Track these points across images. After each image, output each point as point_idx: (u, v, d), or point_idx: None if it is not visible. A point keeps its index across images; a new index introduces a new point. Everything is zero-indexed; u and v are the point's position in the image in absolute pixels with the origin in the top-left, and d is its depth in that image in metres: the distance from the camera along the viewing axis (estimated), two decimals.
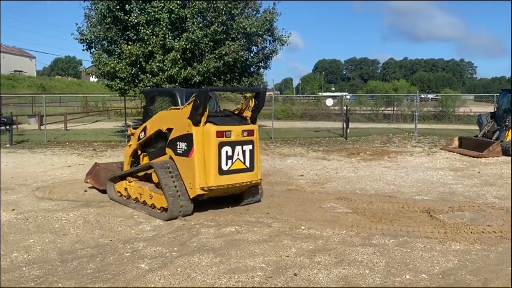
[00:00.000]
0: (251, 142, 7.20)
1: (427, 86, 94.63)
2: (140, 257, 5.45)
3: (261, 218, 7.07)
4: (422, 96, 47.45)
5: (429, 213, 7.38)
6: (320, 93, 63.72)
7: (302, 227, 6.55)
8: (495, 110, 16.50)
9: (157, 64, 15.87)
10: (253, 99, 7.42)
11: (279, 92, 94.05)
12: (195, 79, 16.39)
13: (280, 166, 12.56)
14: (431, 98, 46.35)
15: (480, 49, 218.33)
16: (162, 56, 15.91)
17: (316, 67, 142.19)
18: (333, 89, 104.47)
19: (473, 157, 13.82)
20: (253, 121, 7.52)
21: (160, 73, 16.03)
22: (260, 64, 19.18)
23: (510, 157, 13.62)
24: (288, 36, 18.65)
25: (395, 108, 32.89)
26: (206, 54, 16.48)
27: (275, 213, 7.34)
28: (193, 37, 15.66)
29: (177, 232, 6.42)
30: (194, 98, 6.89)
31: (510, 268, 4.72)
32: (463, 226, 6.65)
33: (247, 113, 7.48)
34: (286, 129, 24.39)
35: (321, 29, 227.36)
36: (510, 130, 14.47)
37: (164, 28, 15.80)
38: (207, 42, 16.09)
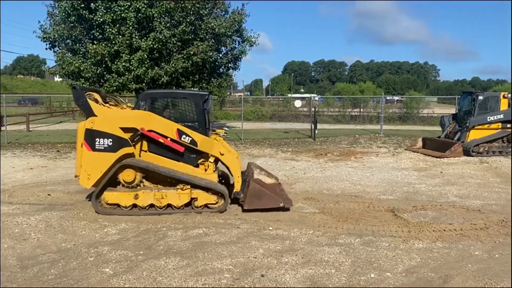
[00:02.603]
0: None
1: (393, 88, 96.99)
2: (105, 261, 5.33)
3: (229, 220, 7.05)
4: (388, 98, 48.57)
5: (393, 212, 7.55)
6: (289, 95, 64.22)
7: (270, 228, 6.57)
8: (457, 112, 17.05)
9: (124, 64, 15.57)
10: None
11: (249, 93, 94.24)
12: (162, 79, 16.19)
13: None
14: (397, 100, 47.49)
15: (443, 52, 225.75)
16: (129, 56, 15.62)
17: (285, 68, 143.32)
18: (302, 90, 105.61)
19: (436, 157, 14.26)
20: None
21: (127, 73, 15.74)
22: (229, 65, 19.14)
23: (471, 157, 14.14)
24: (257, 37, 18.73)
25: (361, 110, 33.55)
26: (174, 54, 16.30)
27: (244, 215, 7.32)
28: (160, 37, 15.46)
29: (143, 235, 6.31)
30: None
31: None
32: (425, 225, 6.84)
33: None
34: (255, 130, 24.44)
35: (289, 31, 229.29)
36: (471, 131, 15.03)
37: (131, 28, 15.51)
38: (175, 42, 15.92)
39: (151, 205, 7.34)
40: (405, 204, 8.17)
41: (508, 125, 15.13)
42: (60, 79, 21.18)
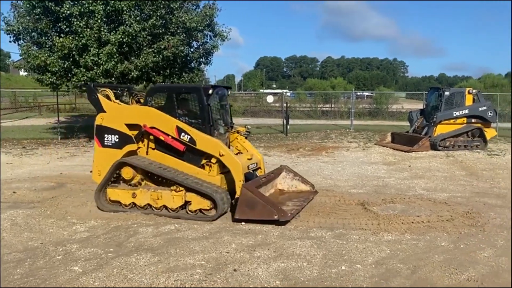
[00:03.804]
0: None
1: (363, 84, 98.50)
2: (73, 259, 5.21)
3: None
4: (358, 93, 49.25)
5: (363, 205, 7.69)
6: (261, 90, 64.24)
7: (243, 223, 6.57)
8: (424, 107, 17.49)
9: (92, 57, 15.16)
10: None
11: None
12: (132, 73, 15.87)
13: None
14: (367, 95, 48.27)
15: (411, 49, 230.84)
16: (97, 50, 15.22)
17: (257, 64, 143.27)
18: (274, 86, 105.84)
19: (404, 151, 14.61)
20: None
21: (95, 67, 15.34)
22: (201, 59, 18.92)
23: (438, 151, 14.56)
24: (229, 32, 18.58)
25: (332, 105, 33.90)
26: (144, 48, 16.00)
27: None
28: (130, 31, 15.13)
29: (114, 232, 6.20)
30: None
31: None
32: (394, 217, 7.00)
33: None
34: None
35: (260, 26, 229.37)
36: (438, 126, 15.46)
37: (99, 21, 15.11)
38: (145, 36, 15.62)
39: (149, 205, 7.06)
40: (375, 198, 8.33)
41: (473, 120, 15.66)
42: (26, 73, 20.44)
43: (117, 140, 7.16)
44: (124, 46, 15.66)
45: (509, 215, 7.26)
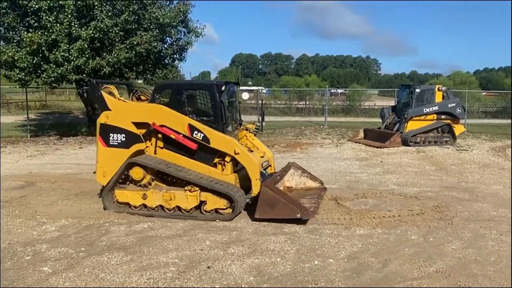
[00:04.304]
0: None
1: (337, 81, 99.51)
2: (43, 259, 5.09)
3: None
4: (332, 90, 49.82)
5: (336, 200, 7.80)
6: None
7: (217, 220, 6.56)
8: (396, 104, 17.84)
9: (62, 53, 14.81)
10: None
11: None
12: (104, 70, 15.60)
13: None
14: (340, 92, 48.89)
15: (384, 47, 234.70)
16: (68, 45, 14.88)
17: (233, 61, 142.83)
18: (250, 83, 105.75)
19: (376, 147, 14.87)
20: None
21: (66, 63, 14.99)
22: (175, 56, 18.77)
23: (409, 147, 14.88)
24: (203, 28, 18.48)
25: (307, 102, 34.20)
26: (117, 44, 15.74)
27: None
28: (101, 26, 14.85)
29: (85, 231, 6.09)
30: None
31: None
32: (366, 212, 7.13)
33: None
34: None
35: (236, 23, 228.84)
36: (409, 122, 15.80)
37: (70, 16, 14.77)
38: (117, 31, 15.37)
39: (160, 207, 6.78)
40: (347, 193, 8.46)
41: (443, 116, 16.08)
42: None
43: (123, 139, 6.82)
44: (96, 41, 15.38)
45: (476, 208, 7.51)
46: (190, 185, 6.62)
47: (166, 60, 18.64)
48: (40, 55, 15.20)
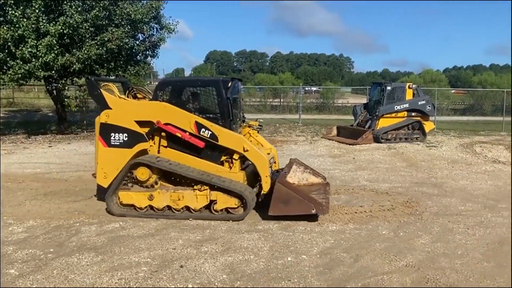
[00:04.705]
0: None
1: (311, 79, 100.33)
2: (9, 262, 4.94)
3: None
4: (306, 88, 50.22)
5: None
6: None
7: (190, 219, 6.51)
8: (368, 101, 18.11)
9: (30, 49, 14.33)
10: None
11: None
12: (74, 66, 15.20)
13: None
14: (314, 90, 49.28)
15: (356, 45, 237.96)
16: (35, 41, 14.42)
17: (207, 58, 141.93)
18: None
19: (349, 144, 15.08)
20: None
21: (34, 60, 14.51)
22: (147, 52, 18.46)
23: (380, 144, 15.16)
24: (176, 25, 18.25)
25: (281, 100, 34.34)
26: (87, 40, 15.34)
27: None
28: (71, 22, 14.43)
29: (54, 232, 5.94)
30: None
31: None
32: (339, 208, 7.22)
33: None
34: None
35: (209, 20, 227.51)
36: (380, 119, 16.08)
37: (37, 11, 14.29)
38: (87, 27, 14.98)
39: (168, 207, 6.59)
40: None
41: (413, 114, 16.43)
42: None
43: (126, 138, 6.57)
44: (65, 37, 14.95)
45: (444, 203, 7.71)
46: (200, 184, 6.48)
47: (138, 56, 18.32)
48: (6, 51, 14.68)
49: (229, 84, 6.78)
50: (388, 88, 16.39)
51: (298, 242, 5.65)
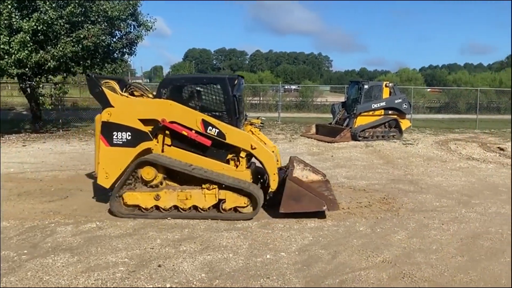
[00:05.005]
0: None
1: (290, 77, 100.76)
2: None
3: None
4: (286, 87, 50.40)
5: None
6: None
7: (168, 218, 6.46)
8: (346, 100, 18.30)
9: (2, 46, 13.97)
10: None
11: (148, 80, 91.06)
12: (49, 64, 14.87)
13: None
14: (293, 89, 49.54)
15: (335, 44, 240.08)
16: (8, 38, 14.05)
17: (186, 56, 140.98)
18: None
19: (328, 142, 15.21)
20: None
21: (6, 57, 14.15)
22: (125, 50, 18.22)
23: (358, 141, 15.35)
24: (154, 22, 18.07)
25: (261, 98, 34.40)
26: (62, 37, 15.02)
27: None
28: (45, 18, 14.12)
29: (28, 233, 5.81)
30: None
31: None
32: None
33: None
34: None
35: (188, 17, 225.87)
36: (358, 118, 16.27)
37: (10, 6, 13.93)
38: (62, 24, 14.67)
39: (175, 207, 6.47)
40: None
41: (390, 112, 16.68)
42: None
43: (129, 137, 6.38)
44: (39, 34, 14.61)
45: (420, 199, 7.86)
46: (208, 183, 6.39)
47: (115, 54, 18.08)
48: None
49: (235, 82, 6.71)
50: (366, 86, 16.59)
51: (277, 239, 5.67)
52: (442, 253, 5.34)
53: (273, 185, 6.65)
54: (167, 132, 6.61)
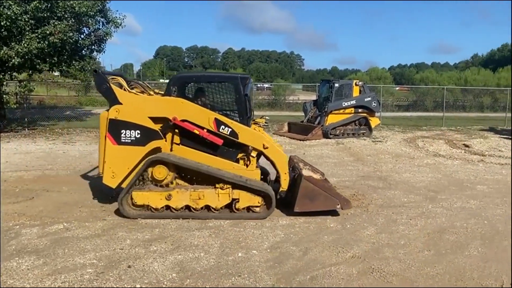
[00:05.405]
0: None
1: (263, 76, 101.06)
2: None
3: (94, 213, 6.64)
4: (258, 85, 50.53)
5: None
6: (161, 80, 62.70)
7: (139, 218, 6.35)
8: (317, 98, 18.50)
9: None
10: None
11: None
12: (13, 60, 14.39)
13: None
14: (266, 87, 49.70)
15: (307, 43, 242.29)
16: None
17: (157, 53, 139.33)
18: None
19: (300, 140, 15.34)
20: None
21: None
22: (93, 47, 17.85)
23: (329, 139, 15.54)
24: (123, 19, 17.77)
25: None
26: (27, 33, 14.57)
27: (111, 206, 6.95)
28: (8, 13, 13.66)
29: None
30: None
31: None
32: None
33: None
34: None
35: (159, 14, 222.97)
36: (329, 116, 16.48)
37: None
38: (27, 19, 14.22)
39: (186, 207, 6.34)
40: None
41: (360, 110, 16.96)
42: None
43: (138, 136, 6.20)
44: (2, 30, 14.12)
45: (389, 195, 8.03)
46: (222, 182, 6.31)
47: (83, 51, 17.68)
48: None
49: (247, 81, 6.64)
50: (336, 85, 16.82)
51: (249, 237, 5.68)
52: (410, 248, 5.46)
53: (284, 184, 6.71)
54: (176, 130, 6.50)
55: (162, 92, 7.06)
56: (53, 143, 13.78)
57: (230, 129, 6.35)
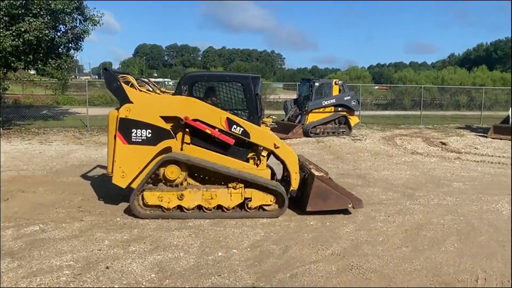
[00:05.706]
0: None
1: None
2: None
3: (71, 213, 6.52)
4: None
5: None
6: (141, 79, 61.93)
7: (118, 218, 6.28)
8: (297, 97, 18.57)
9: None
10: None
11: (97, 77, 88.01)
12: None
13: (96, 156, 11.82)
14: None
15: (288, 42, 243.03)
16: None
17: (136, 51, 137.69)
18: (155, 75, 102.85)
19: (281, 139, 15.33)
20: None
21: None
22: (70, 45, 17.51)
23: (310, 138, 15.63)
24: (101, 16, 17.48)
25: None
26: (1, 30, 14.21)
27: (89, 206, 6.86)
28: None
29: None
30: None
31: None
32: None
33: None
34: (103, 116, 22.96)
35: (138, 12, 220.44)
36: (309, 114, 16.57)
37: None
38: (0, 16, 13.87)
39: (198, 207, 6.31)
40: None
41: (339, 109, 17.11)
42: None
43: (149, 135, 6.12)
44: None
45: (368, 192, 8.12)
46: (235, 181, 6.31)
47: (60, 49, 17.32)
48: None
49: (258, 80, 6.62)
50: (316, 84, 16.93)
51: (229, 236, 5.66)
52: (388, 244, 5.54)
53: (295, 184, 6.72)
54: (186, 129, 6.43)
55: (168, 91, 7.09)
56: (29, 143, 13.48)
57: (242, 129, 6.33)
